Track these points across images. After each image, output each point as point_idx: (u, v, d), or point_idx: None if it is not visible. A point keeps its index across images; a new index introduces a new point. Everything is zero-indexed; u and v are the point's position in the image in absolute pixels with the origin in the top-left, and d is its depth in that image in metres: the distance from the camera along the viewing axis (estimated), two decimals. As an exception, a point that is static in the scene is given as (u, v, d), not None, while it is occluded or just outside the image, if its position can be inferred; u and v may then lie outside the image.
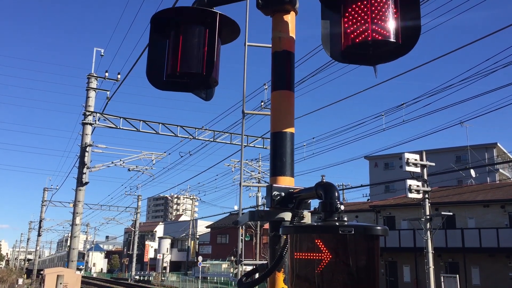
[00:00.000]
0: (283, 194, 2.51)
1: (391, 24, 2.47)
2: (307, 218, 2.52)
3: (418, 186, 21.49)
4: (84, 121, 20.82)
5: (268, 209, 2.56)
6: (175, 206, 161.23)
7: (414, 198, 21.97)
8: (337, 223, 1.94)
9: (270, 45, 2.90)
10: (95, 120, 21.04)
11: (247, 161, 37.48)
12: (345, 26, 2.55)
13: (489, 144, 57.63)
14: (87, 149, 20.51)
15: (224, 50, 3.05)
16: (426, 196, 21.94)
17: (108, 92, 21.12)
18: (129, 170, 27.41)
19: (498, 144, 57.40)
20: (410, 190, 21.17)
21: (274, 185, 2.56)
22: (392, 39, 2.45)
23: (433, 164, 22.60)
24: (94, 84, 21.09)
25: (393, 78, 16.15)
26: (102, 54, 21.51)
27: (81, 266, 62.25)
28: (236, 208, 49.75)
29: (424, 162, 21.74)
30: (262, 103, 23.34)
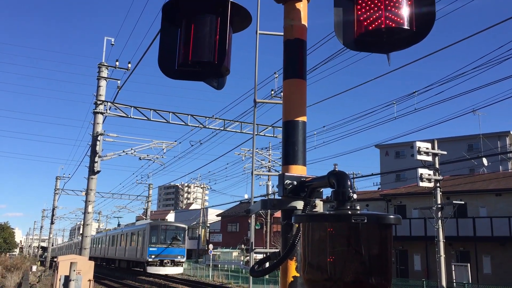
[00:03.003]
0: (295, 182, 2.51)
1: (405, 11, 2.43)
2: (319, 206, 2.52)
3: (429, 175, 21.36)
4: (95, 110, 20.94)
5: (280, 197, 2.56)
6: (185, 195, 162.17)
7: (425, 187, 21.85)
8: (349, 212, 1.94)
9: (282, 33, 2.88)
10: (106, 109, 21.15)
11: (257, 150, 37.50)
12: (358, 13, 2.52)
13: (502, 132, 57.00)
14: (99, 138, 20.65)
15: (235, 39, 3.03)
16: (438, 185, 21.81)
17: (119, 81, 21.20)
18: (140, 159, 27.56)
19: (511, 132, 56.73)
20: (422, 179, 21.05)
21: (286, 173, 2.56)
22: (406, 26, 2.42)
23: (445, 152, 22.43)
24: (105, 73, 21.16)
25: (405, 66, 15.97)
26: (113, 43, 21.54)
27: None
28: (246, 196, 49.93)
29: (436, 151, 21.58)
30: (273, 92, 23.26)
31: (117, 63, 21.06)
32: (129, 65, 21.08)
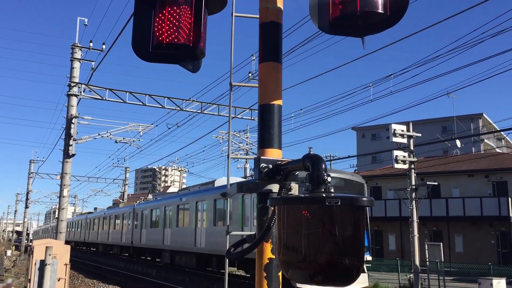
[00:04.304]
0: (270, 166, 2.53)
1: (379, -5, 2.44)
2: (295, 189, 2.55)
3: (404, 156, 21.71)
4: (69, 93, 20.53)
5: (256, 181, 2.58)
6: (163, 178, 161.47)
7: (400, 168, 22.21)
8: (324, 195, 1.97)
9: (258, 16, 2.86)
10: (81, 92, 20.76)
11: (235, 133, 37.47)
12: (333, -4, 2.51)
13: (475, 114, 58.21)
14: (73, 121, 20.30)
15: (212, 21, 3.00)
16: (412, 166, 22.20)
17: (93, 63, 20.80)
18: (116, 142, 27.26)
19: (484, 114, 57.99)
20: (397, 161, 21.39)
21: (262, 157, 2.57)
22: (380, 10, 2.43)
23: (420, 134, 22.81)
24: (78, 54, 20.71)
25: (381, 49, 16.08)
26: (86, 23, 21.05)
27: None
28: (224, 179, 49.92)
29: (411, 133, 21.92)
30: (250, 74, 23.16)
31: (91, 44, 20.62)
32: (104, 46, 20.67)
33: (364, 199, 1.94)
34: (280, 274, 2.51)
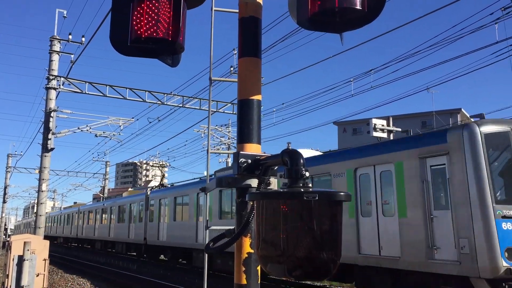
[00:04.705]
0: (249, 161, 2.54)
1: (358, -9, 2.46)
2: (274, 184, 2.56)
3: (383, 125, 21.86)
4: (47, 86, 20.20)
5: (235, 175, 2.58)
6: (144, 172, 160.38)
7: (379, 138, 22.39)
8: (302, 189, 1.98)
9: (237, 11, 2.86)
10: (59, 85, 20.45)
11: (216, 127, 37.39)
12: (312, -8, 2.52)
13: (454, 109, 59.13)
14: (52, 115, 19.99)
15: (192, 15, 2.99)
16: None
17: (72, 56, 20.49)
18: (96, 136, 26.95)
19: (462, 109, 58.94)
20: (375, 129, 21.47)
21: (241, 152, 2.58)
22: (358, 7, 2.45)
23: (400, 129, 23.04)
24: (57, 47, 20.37)
25: (361, 44, 16.20)
26: (65, 15, 20.70)
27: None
28: (205, 174, 49.81)
29: (391, 128, 22.14)
30: (232, 68, 23.11)
31: (70, 36, 20.32)
32: (83, 39, 20.38)
33: (342, 193, 1.97)
34: (258, 268, 2.53)
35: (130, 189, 45.76)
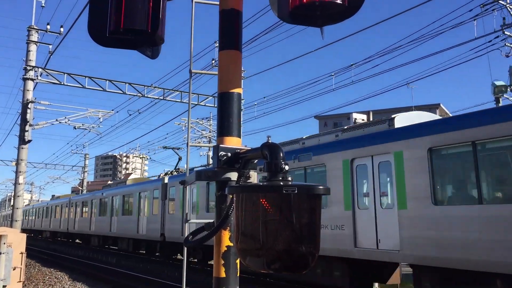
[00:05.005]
0: (229, 154, 2.53)
1: (338, -15, 2.46)
2: (253, 177, 2.56)
3: (363, 120, 22.17)
4: (25, 76, 19.81)
5: (215, 169, 2.57)
6: (124, 165, 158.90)
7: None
8: (281, 183, 1.99)
9: (218, 3, 2.83)
10: (37, 76, 20.09)
11: (197, 120, 37.24)
12: (292, -14, 2.52)
13: (433, 104, 59.96)
14: (29, 106, 19.63)
15: (172, 6, 2.95)
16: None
17: (50, 46, 20.13)
18: (75, 128, 26.62)
19: (441, 104, 59.84)
20: (355, 122, 21.78)
21: (221, 145, 2.57)
22: (338, 1, 2.45)
23: (379, 124, 23.34)
24: (35, 37, 19.98)
25: (343, 39, 16.27)
26: (43, 5, 20.30)
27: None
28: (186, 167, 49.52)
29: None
30: (213, 61, 23.02)
31: (48, 26, 19.93)
32: (62, 29, 20.02)
33: (321, 187, 1.98)
34: (238, 261, 2.53)
35: (109, 182, 45.03)
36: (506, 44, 21.59)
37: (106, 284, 17.95)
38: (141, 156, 60.52)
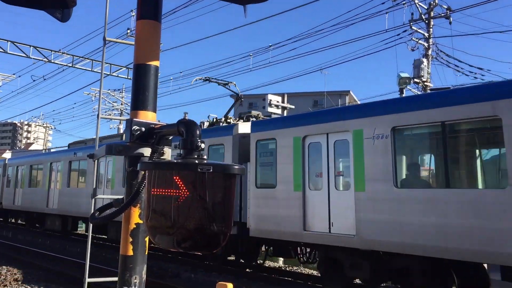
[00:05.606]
0: (143, 129, 2.44)
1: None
2: (167, 154, 2.50)
3: (278, 101, 22.57)
4: None
5: (127, 143, 2.47)
6: (25, 134, 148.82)
7: (272, 113, 23.11)
8: (196, 161, 1.95)
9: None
10: None
11: (109, 91, 35.76)
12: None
13: (343, 91, 62.80)
14: None
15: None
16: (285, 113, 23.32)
17: None
18: (-30, 91, 24.30)
19: (351, 92, 62.81)
20: (270, 104, 22.09)
21: (135, 119, 2.47)
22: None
23: (293, 106, 23.92)
24: None
25: (263, 19, 16.36)
26: None
27: None
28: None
29: (285, 104, 22.88)
30: (129, 31, 22.15)
31: None
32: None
33: (236, 167, 1.97)
34: (147, 239, 2.47)
35: (7, 151, 41.84)
36: (413, 38, 23.04)
37: None
38: (44, 125, 56.99)
